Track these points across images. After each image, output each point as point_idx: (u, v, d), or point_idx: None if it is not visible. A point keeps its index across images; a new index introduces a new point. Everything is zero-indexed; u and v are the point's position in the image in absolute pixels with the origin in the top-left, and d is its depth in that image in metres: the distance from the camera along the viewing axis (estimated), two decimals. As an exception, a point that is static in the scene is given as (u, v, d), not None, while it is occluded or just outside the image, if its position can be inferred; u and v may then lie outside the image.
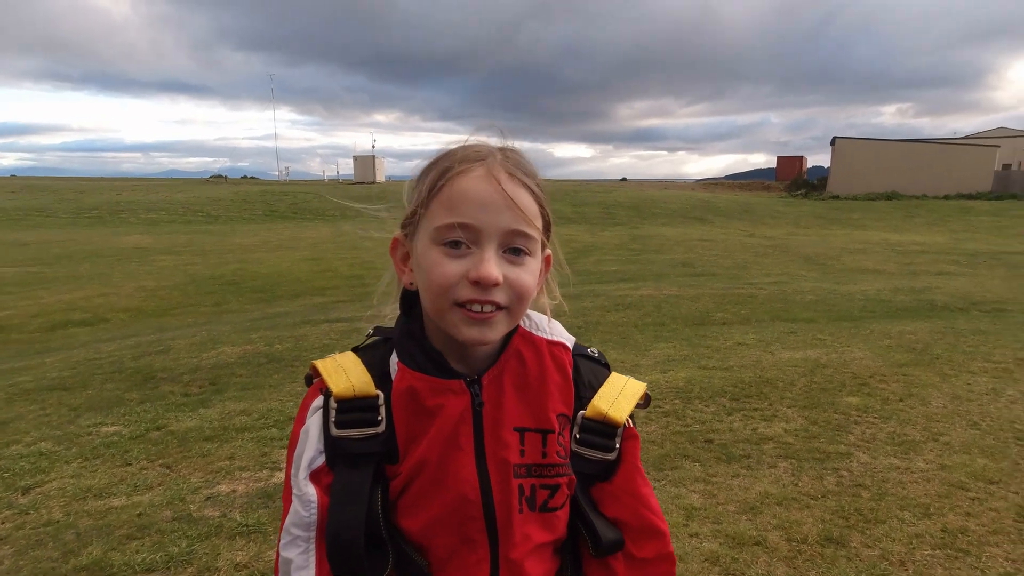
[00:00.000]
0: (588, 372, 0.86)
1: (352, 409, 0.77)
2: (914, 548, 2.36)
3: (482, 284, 0.72)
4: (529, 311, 0.84)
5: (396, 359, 0.81)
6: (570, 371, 0.84)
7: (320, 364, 0.81)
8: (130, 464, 3.23)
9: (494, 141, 0.80)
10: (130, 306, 9.73)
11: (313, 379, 0.83)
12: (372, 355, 0.83)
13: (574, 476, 0.82)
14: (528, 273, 0.77)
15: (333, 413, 0.77)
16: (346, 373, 0.79)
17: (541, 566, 0.81)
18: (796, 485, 2.87)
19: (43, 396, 4.58)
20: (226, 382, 4.79)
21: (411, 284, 0.81)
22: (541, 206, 0.79)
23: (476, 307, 0.74)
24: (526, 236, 0.75)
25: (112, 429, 3.75)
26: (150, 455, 3.34)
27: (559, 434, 0.81)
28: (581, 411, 0.83)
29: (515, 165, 0.77)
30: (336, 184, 41.29)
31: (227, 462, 3.22)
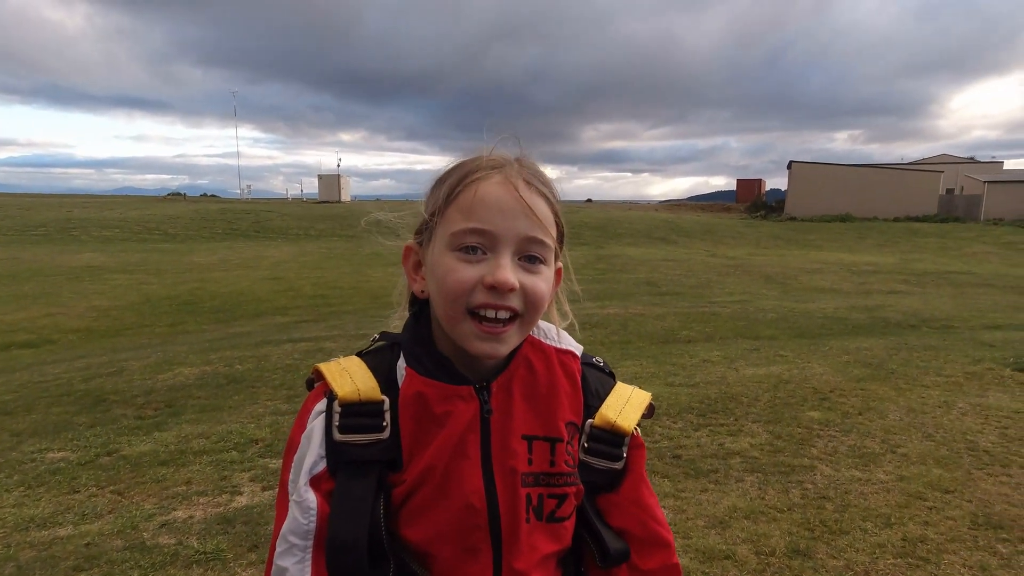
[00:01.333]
0: (595, 381, 0.86)
1: (357, 414, 0.75)
2: (877, 558, 2.41)
3: (498, 289, 0.72)
4: (542, 322, 0.84)
5: (404, 364, 0.79)
6: (579, 379, 0.84)
7: (324, 367, 0.79)
8: (78, 491, 3.06)
9: (510, 151, 0.80)
10: (80, 327, 9.33)
11: (315, 383, 0.80)
12: (378, 360, 0.81)
13: (582, 486, 0.81)
14: (543, 281, 0.76)
15: (336, 417, 0.75)
16: (351, 377, 0.77)
17: None
18: (763, 499, 2.90)
19: (-17, 421, 4.32)
20: (183, 404, 4.61)
21: (423, 292, 0.80)
22: (556, 215, 0.79)
23: (491, 313, 0.73)
24: (541, 243, 0.75)
25: (59, 455, 3.56)
26: (100, 481, 3.17)
27: (568, 443, 0.80)
28: (589, 420, 0.82)
29: (532, 173, 0.78)
30: (300, 203, 40.73)
31: (184, 487, 3.08)
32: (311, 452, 0.76)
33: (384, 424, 0.76)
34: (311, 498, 0.74)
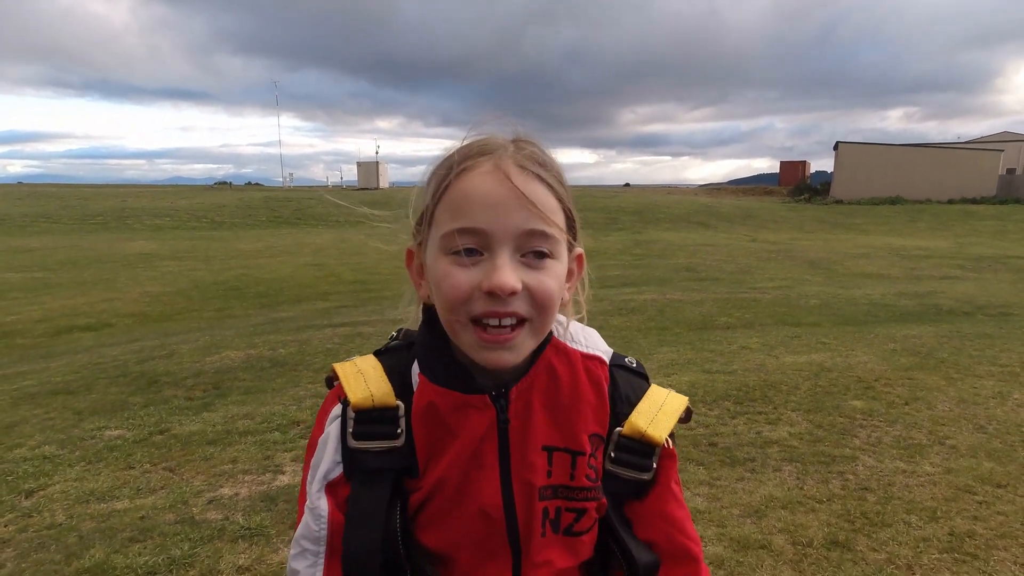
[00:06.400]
0: (626, 385, 0.79)
1: (371, 420, 0.73)
2: (921, 552, 2.34)
3: (497, 294, 0.65)
4: (563, 318, 0.79)
5: (418, 370, 0.76)
6: (606, 387, 0.77)
7: (340, 368, 0.76)
8: (133, 467, 3.23)
9: (507, 132, 0.72)
10: (134, 311, 9.76)
11: (334, 382, 0.78)
12: (394, 361, 0.77)
13: (604, 500, 0.77)
14: (552, 278, 0.69)
15: (351, 423, 0.73)
16: (366, 380, 0.74)
17: None
18: (801, 488, 2.85)
19: (47, 400, 4.59)
20: (229, 386, 4.79)
21: (428, 298, 0.75)
22: (560, 200, 0.71)
23: (493, 322, 0.67)
24: (545, 236, 0.68)
25: (115, 433, 3.76)
26: (153, 459, 3.34)
27: (591, 455, 0.75)
28: (617, 428, 0.77)
29: (527, 157, 0.69)
30: (340, 189, 41.45)
31: (230, 465, 3.21)
32: (327, 458, 0.75)
33: (399, 431, 0.73)
34: (323, 505, 0.73)
